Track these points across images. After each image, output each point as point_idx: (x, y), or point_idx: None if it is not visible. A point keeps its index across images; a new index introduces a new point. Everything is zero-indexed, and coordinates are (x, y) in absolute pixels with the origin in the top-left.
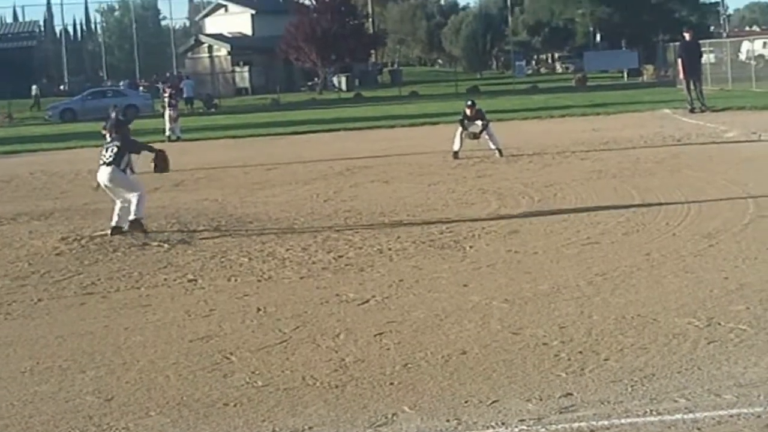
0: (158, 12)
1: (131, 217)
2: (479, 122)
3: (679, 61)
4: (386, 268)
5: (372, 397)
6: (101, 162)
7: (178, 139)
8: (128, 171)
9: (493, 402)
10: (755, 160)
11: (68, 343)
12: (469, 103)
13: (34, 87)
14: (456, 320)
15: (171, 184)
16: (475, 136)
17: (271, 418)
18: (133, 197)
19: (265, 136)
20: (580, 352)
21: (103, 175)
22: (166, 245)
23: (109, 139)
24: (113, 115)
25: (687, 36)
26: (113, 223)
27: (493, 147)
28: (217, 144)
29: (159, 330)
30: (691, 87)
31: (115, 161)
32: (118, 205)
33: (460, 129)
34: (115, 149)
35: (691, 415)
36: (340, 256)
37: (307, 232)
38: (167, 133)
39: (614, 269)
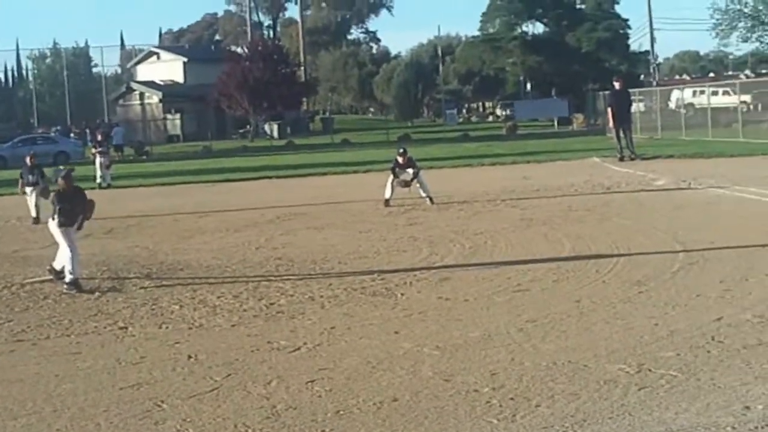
0: (90, 59)
1: (67, 278)
2: (410, 170)
3: (609, 109)
4: (317, 315)
5: None
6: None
7: (109, 186)
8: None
9: None
10: (685, 208)
11: None
12: (401, 150)
13: None
14: (387, 367)
15: (102, 232)
16: (407, 184)
17: None
18: (65, 255)
19: (197, 183)
20: (512, 399)
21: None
22: (96, 293)
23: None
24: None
25: (617, 84)
26: (56, 265)
27: (424, 195)
28: (149, 191)
29: (90, 377)
30: (621, 135)
31: (52, 215)
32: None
33: (391, 177)
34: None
35: None
36: (272, 304)
37: (239, 280)
38: (98, 180)
39: (545, 316)
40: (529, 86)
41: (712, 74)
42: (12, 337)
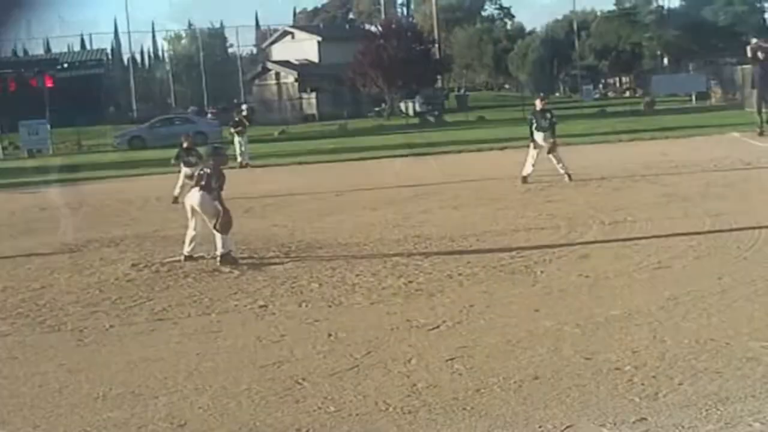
0: (225, 39)
1: (218, 252)
2: (548, 115)
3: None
4: (456, 293)
5: (445, 422)
6: (193, 185)
7: (247, 165)
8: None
9: (567, 427)
10: None
11: (140, 369)
12: (541, 94)
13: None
14: (528, 345)
15: (241, 211)
16: (550, 150)
17: None
18: (216, 233)
19: (333, 162)
20: (654, 377)
21: (194, 198)
22: (236, 271)
23: (191, 161)
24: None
25: (761, 56)
26: (186, 252)
27: (561, 171)
28: (286, 170)
29: (230, 356)
30: (763, 109)
31: (206, 188)
32: (191, 232)
33: (533, 152)
34: (206, 176)
35: None
36: (410, 282)
37: (377, 258)
38: (238, 159)
39: (686, 293)
40: (666, 61)
41: None
42: (153, 316)
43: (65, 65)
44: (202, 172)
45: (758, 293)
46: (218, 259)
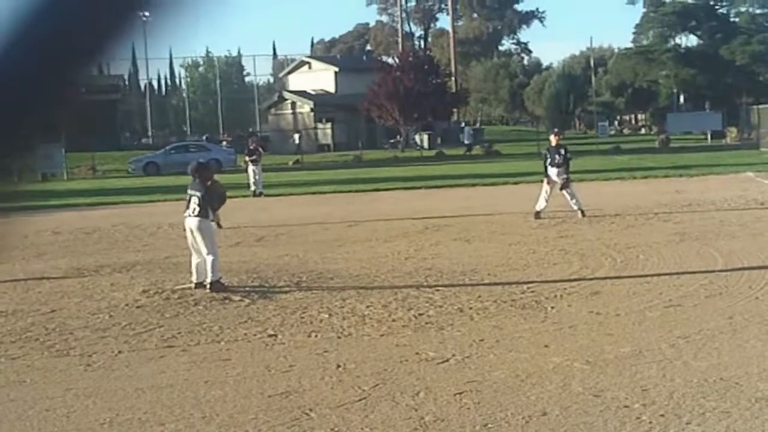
0: (242, 68)
1: (209, 279)
2: (562, 151)
3: None
4: (467, 327)
5: None
6: (188, 213)
7: (261, 194)
8: (212, 223)
9: None
10: None
11: (148, 395)
12: (555, 130)
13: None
14: (537, 381)
15: (253, 240)
16: (563, 186)
17: None
18: (208, 258)
19: (347, 193)
20: (662, 416)
21: (192, 222)
22: (246, 300)
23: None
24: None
25: None
26: (195, 279)
27: (575, 207)
28: (300, 200)
29: (239, 384)
30: None
31: (202, 213)
32: (195, 259)
33: (546, 187)
34: (197, 200)
35: None
36: (421, 314)
37: (388, 290)
38: (252, 188)
39: (697, 332)
40: (682, 99)
41: None
42: (162, 343)
43: (82, 90)
44: (193, 197)
45: None
46: (208, 286)
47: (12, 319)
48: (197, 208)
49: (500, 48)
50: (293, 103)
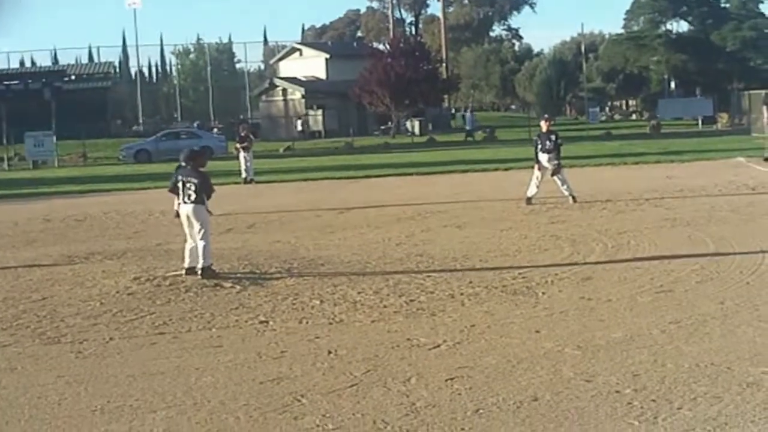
0: (233, 55)
1: (200, 265)
2: (553, 137)
3: (765, 107)
4: (458, 313)
5: None
6: (183, 200)
7: (252, 181)
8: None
9: None
10: None
11: (139, 382)
12: (546, 116)
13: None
14: (528, 366)
15: (244, 226)
16: (554, 172)
17: None
18: (200, 244)
19: (338, 180)
20: (654, 401)
21: (188, 209)
22: (238, 287)
23: (184, 166)
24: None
25: None
26: (186, 264)
27: (566, 193)
28: (291, 186)
29: (230, 371)
30: None
31: (198, 199)
32: (189, 244)
33: (537, 173)
34: (193, 187)
35: None
36: (412, 300)
37: (379, 276)
38: (243, 175)
39: (688, 317)
40: (673, 85)
41: None
42: (153, 330)
43: (73, 77)
44: (188, 184)
45: (760, 318)
46: (200, 272)
47: (3, 307)
48: (193, 195)
49: (491, 34)
50: (284, 90)
